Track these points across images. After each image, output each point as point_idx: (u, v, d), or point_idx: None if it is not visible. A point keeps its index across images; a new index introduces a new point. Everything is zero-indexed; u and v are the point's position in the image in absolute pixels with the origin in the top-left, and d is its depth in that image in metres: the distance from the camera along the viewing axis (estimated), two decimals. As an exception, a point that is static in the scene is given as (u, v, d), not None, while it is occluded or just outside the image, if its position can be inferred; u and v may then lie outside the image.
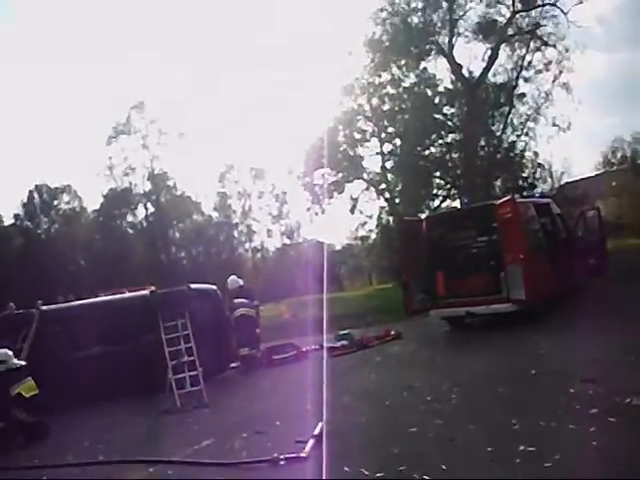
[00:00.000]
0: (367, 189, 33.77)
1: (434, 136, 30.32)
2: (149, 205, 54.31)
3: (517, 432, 5.76)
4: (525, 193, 25.90)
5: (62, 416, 9.78)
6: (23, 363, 9.70)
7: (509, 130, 29.85)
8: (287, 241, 59.42)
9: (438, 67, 30.72)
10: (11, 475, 7.37)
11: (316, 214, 34.89)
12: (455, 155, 31.02)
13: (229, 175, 57.94)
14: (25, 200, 55.73)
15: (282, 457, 6.01)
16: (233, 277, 14.57)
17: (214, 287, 13.02)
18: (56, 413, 9.63)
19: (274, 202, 58.52)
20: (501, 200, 13.32)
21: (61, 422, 9.54)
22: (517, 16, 28.45)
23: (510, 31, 28.69)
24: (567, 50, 28.07)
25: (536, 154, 30.49)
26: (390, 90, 31.28)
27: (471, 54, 29.86)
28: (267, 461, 6.03)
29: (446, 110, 30.79)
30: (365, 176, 33.37)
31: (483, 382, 8.26)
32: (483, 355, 10.21)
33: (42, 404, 9.26)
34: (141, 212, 55.26)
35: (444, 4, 28.91)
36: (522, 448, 5.24)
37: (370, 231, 36.35)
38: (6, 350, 9.74)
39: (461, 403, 7.37)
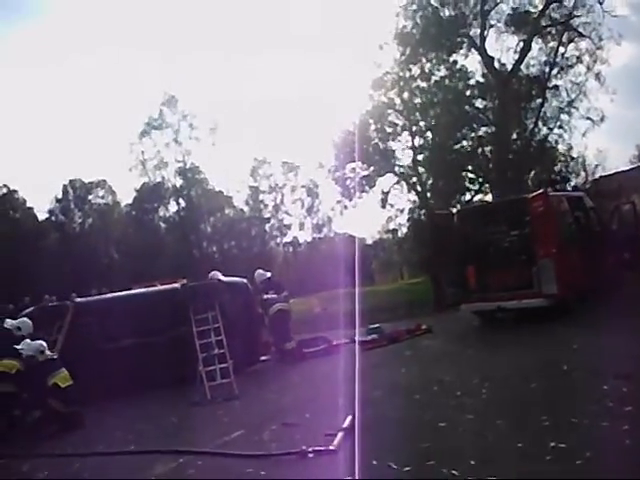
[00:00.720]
0: (398, 183, 33.60)
1: (465, 130, 29.99)
2: (181, 199, 54.70)
3: (548, 428, 5.69)
4: (558, 187, 25.56)
5: (95, 407, 9.90)
6: (55, 355, 9.87)
7: (541, 123, 29.32)
8: (318, 235, 59.54)
9: (469, 60, 30.37)
10: (46, 462, 7.48)
11: (346, 208, 34.86)
12: (487, 149, 30.67)
13: (261, 170, 58.24)
14: (60, 195, 56.61)
15: (311, 450, 6.01)
16: (259, 271, 14.64)
17: (244, 280, 13.06)
18: (89, 404, 9.77)
19: (305, 196, 58.70)
20: (533, 194, 13.18)
21: (94, 412, 9.65)
22: (550, 7, 27.94)
23: (543, 22, 28.18)
24: (601, 39, 27.57)
25: (569, 147, 29.96)
26: (421, 83, 30.94)
27: (503, 46, 29.23)
28: (296, 453, 6.03)
29: (478, 103, 30.42)
30: (396, 170, 33.23)
31: (514, 377, 8.18)
32: (514, 350, 10.12)
33: (76, 395, 9.42)
34: (173, 206, 55.87)
35: (476, -5, 28.55)
36: (553, 445, 5.17)
37: (400, 225, 36.22)
38: (41, 342, 9.92)
39: (491, 398, 7.32)
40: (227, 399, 9.82)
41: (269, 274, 14.96)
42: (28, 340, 9.83)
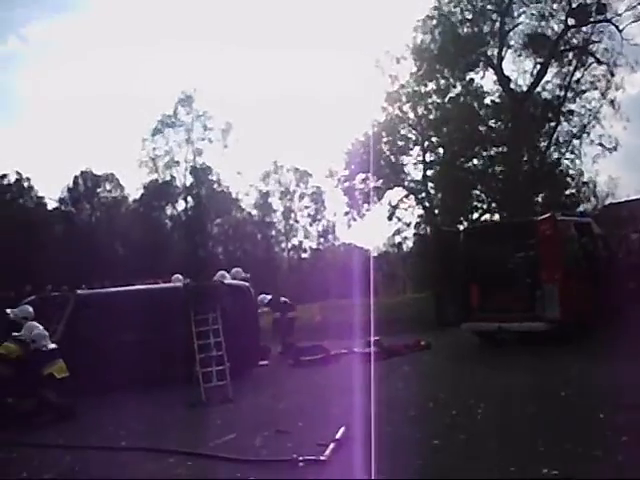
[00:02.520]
0: (407, 197, 33.63)
1: (477, 148, 29.92)
2: (189, 199, 54.78)
3: (542, 454, 5.65)
4: (566, 211, 25.51)
5: (89, 400, 9.90)
6: (54, 346, 9.88)
7: (553, 147, 29.35)
8: (323, 243, 59.57)
9: (485, 79, 30.42)
10: (37, 452, 7.47)
11: (354, 219, 34.85)
12: (497, 169, 30.63)
13: (274, 175, 58.35)
14: (71, 185, 56.76)
15: (301, 459, 5.97)
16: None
17: (247, 284, 13.06)
18: (84, 396, 9.76)
19: (312, 204, 58.73)
20: (542, 217, 13.14)
21: (88, 405, 9.65)
22: (569, 31, 28.00)
23: (561, 46, 28.24)
24: (616, 65, 27.56)
25: (581, 172, 29.94)
26: (436, 99, 31.03)
27: (520, 68, 29.32)
28: (286, 461, 6.00)
29: (491, 123, 30.38)
30: (406, 184, 33.24)
31: (510, 400, 8.16)
32: (512, 373, 10.06)
33: (71, 386, 9.41)
34: (181, 205, 55.85)
35: (495, 16, 28.61)
36: (545, 471, 5.13)
37: (406, 239, 36.20)
38: (43, 330, 9.93)
39: (486, 419, 7.29)
40: (222, 402, 9.79)
41: (269, 297, 15.39)
42: (34, 323, 9.89)
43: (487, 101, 30.45)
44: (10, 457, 7.39)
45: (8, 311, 10.69)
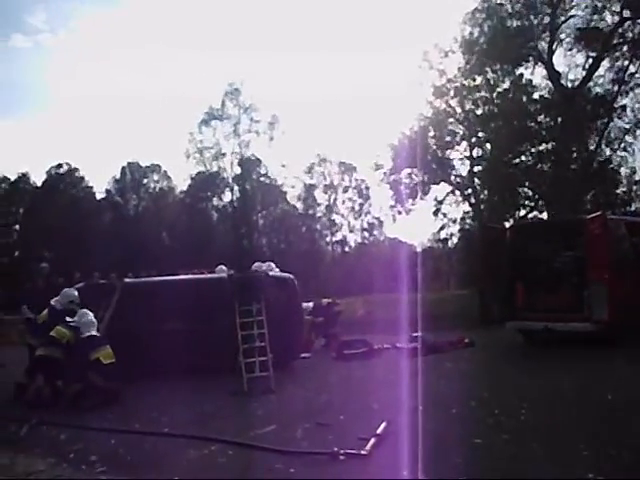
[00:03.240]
0: (453, 193, 33.33)
1: (525, 144, 29.37)
2: (235, 190, 55.20)
3: (586, 458, 5.55)
4: (617, 210, 24.96)
5: (134, 386, 10.07)
6: (101, 333, 10.10)
7: (604, 143, 28.60)
8: (368, 237, 59.47)
9: (535, 74, 29.78)
10: (83, 434, 7.63)
11: (399, 213, 34.67)
12: (546, 165, 30.08)
13: (318, 167, 58.45)
14: (118, 176, 57.81)
15: (342, 452, 5.99)
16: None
17: (291, 276, 13.09)
18: (129, 382, 9.94)
19: (357, 197, 58.65)
20: (591, 215, 12.89)
21: (133, 391, 9.84)
22: (624, 24, 27.12)
23: (614, 40, 27.41)
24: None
25: (633, 170, 29.29)
26: (484, 94, 30.56)
27: (571, 62, 28.57)
28: (327, 454, 6.02)
29: (540, 118, 29.73)
30: (452, 179, 32.93)
31: (555, 402, 8.05)
32: (557, 374, 9.92)
33: (117, 372, 9.59)
34: (227, 196, 56.32)
35: (546, 9, 27.97)
36: (591, 476, 5.04)
37: (451, 235, 35.90)
38: (92, 318, 10.17)
39: (529, 420, 7.18)
40: (263, 392, 9.85)
41: (311, 305, 16.04)
42: (85, 311, 10.12)
43: (536, 96, 29.80)
44: (58, 437, 7.57)
45: (53, 302, 10.92)
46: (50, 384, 9.66)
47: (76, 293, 11.15)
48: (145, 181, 59.33)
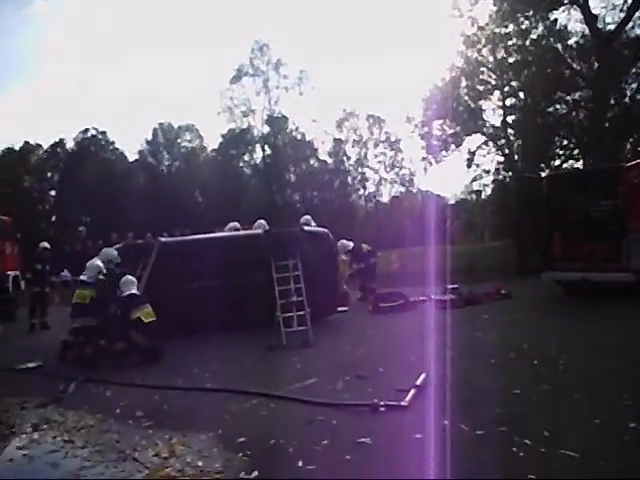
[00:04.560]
0: (485, 143, 32.90)
1: (560, 92, 28.70)
2: (267, 147, 55.09)
3: (628, 408, 5.52)
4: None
5: (175, 343, 10.25)
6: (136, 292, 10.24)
7: (643, 89, 27.82)
8: (401, 190, 59.14)
9: (570, 18, 28.92)
10: (128, 391, 7.82)
11: (431, 164, 34.37)
12: (581, 114, 29.37)
13: (348, 122, 57.96)
14: (150, 137, 58.11)
15: (382, 403, 6.05)
16: (343, 242, 15.05)
17: (327, 230, 13.08)
18: (169, 340, 10.12)
19: (389, 150, 58.17)
20: (630, 163, 12.62)
21: (173, 348, 10.02)
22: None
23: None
24: None
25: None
26: (516, 41, 29.74)
27: (608, 4, 27.29)
28: (367, 405, 6.09)
29: (575, 65, 28.98)
30: (484, 130, 32.44)
31: (594, 352, 7.98)
32: (596, 325, 9.85)
33: (158, 330, 9.76)
34: (258, 153, 56.26)
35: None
36: (633, 426, 5.01)
37: (485, 186, 35.53)
38: (132, 277, 10.32)
39: (569, 371, 7.16)
40: (302, 346, 9.97)
41: (351, 244, 15.54)
42: (129, 277, 10.25)
43: (571, 42, 29.07)
44: (104, 394, 7.77)
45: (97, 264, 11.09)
46: (93, 344, 9.86)
47: (116, 252, 11.31)
48: (178, 141, 59.49)
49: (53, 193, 58.34)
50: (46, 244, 15.65)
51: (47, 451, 5.77)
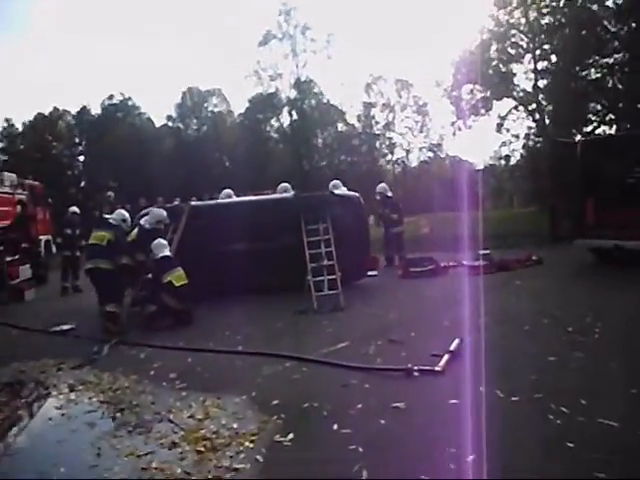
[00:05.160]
0: (516, 108, 32.34)
1: (595, 56, 27.96)
2: (294, 111, 54.74)
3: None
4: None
5: (206, 306, 10.31)
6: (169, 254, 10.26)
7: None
8: (429, 155, 58.60)
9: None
10: (161, 353, 7.92)
11: (460, 129, 33.94)
12: (617, 78, 28.61)
13: (375, 86, 57.34)
14: (178, 102, 58.11)
15: (417, 368, 6.02)
16: (383, 185, 15.40)
17: (357, 194, 12.98)
18: (201, 303, 10.16)
19: (416, 115, 57.52)
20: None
21: (205, 311, 10.10)
22: None
23: None
24: None
25: None
26: (550, 2, 28.99)
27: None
28: (401, 370, 6.06)
29: (611, 27, 28.12)
30: (515, 94, 31.86)
31: (630, 321, 7.85)
32: (631, 293, 9.64)
33: (189, 293, 9.81)
34: (286, 118, 55.94)
35: None
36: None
37: (514, 151, 35.03)
38: (163, 240, 10.35)
39: (605, 338, 7.03)
40: (333, 310, 9.96)
41: (390, 193, 15.35)
42: (160, 240, 10.27)
43: (608, 3, 28.16)
44: (138, 356, 7.87)
45: (142, 222, 11.13)
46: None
47: (164, 213, 11.30)
48: (205, 105, 59.39)
49: (82, 159, 58.83)
50: (75, 209, 15.78)
51: (84, 411, 5.86)
